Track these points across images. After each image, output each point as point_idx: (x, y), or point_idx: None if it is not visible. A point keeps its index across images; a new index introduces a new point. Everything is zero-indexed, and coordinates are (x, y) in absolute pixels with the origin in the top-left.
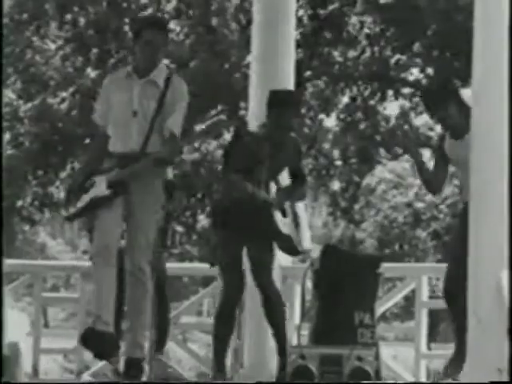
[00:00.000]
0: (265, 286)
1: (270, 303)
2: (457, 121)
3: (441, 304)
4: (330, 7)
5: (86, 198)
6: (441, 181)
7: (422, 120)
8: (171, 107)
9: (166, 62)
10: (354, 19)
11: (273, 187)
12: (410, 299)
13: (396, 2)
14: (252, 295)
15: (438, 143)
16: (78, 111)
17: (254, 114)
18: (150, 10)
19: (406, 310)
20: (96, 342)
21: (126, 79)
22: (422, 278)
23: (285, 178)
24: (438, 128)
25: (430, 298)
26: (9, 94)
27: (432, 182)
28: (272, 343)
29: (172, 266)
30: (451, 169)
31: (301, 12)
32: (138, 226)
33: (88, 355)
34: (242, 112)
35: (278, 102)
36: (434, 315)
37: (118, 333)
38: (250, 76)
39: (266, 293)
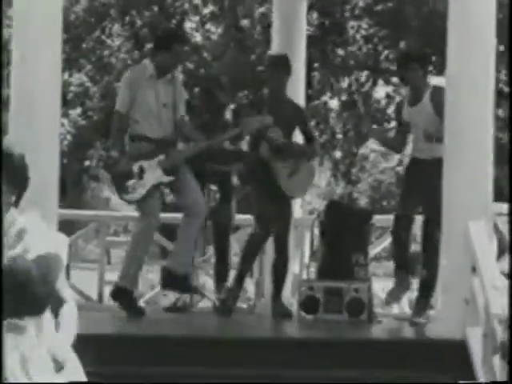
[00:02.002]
0: (281, 245)
1: (279, 261)
2: (420, 85)
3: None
4: (335, 13)
5: (145, 185)
6: (400, 142)
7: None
8: (181, 99)
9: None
10: (352, 23)
11: None
12: None
13: (386, 9)
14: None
15: (397, 111)
16: None
17: None
18: (190, 15)
19: None
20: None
21: (149, 78)
22: None
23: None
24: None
25: None
26: (82, 78)
27: (393, 144)
28: (289, 284)
29: None
30: None
31: (311, 17)
32: None
33: (144, 285)
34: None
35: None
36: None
37: None
38: None
39: (280, 250)
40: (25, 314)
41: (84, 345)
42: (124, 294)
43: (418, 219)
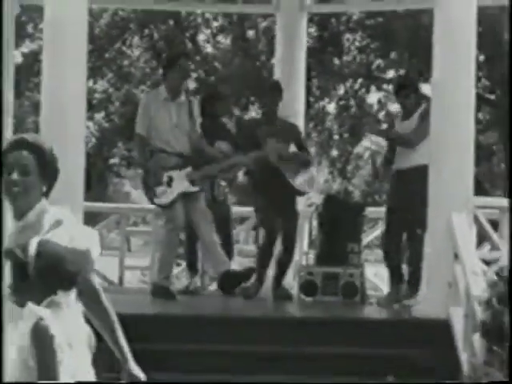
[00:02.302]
0: (288, 243)
1: (285, 256)
2: (411, 107)
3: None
4: (332, 27)
5: (174, 192)
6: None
7: (393, 106)
8: (195, 117)
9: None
10: (347, 35)
11: None
12: None
13: (377, 24)
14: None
15: (389, 125)
16: None
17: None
18: (202, 28)
19: None
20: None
21: (163, 101)
22: None
23: None
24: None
25: None
26: (105, 85)
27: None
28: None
29: None
30: None
31: (311, 30)
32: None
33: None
34: None
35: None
36: None
37: None
38: (274, 73)
39: (287, 247)
40: (58, 288)
41: None
42: (163, 291)
43: None
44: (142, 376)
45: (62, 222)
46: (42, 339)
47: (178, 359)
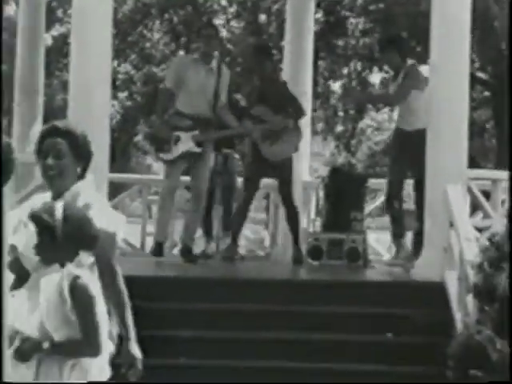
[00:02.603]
0: (286, 201)
1: (289, 213)
2: (397, 64)
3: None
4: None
5: (178, 150)
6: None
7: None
8: (223, 85)
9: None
10: (352, 20)
11: None
12: None
13: (379, 9)
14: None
15: (383, 86)
16: None
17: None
18: (218, 13)
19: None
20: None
21: (195, 63)
22: None
23: None
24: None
25: None
26: (127, 66)
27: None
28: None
29: None
30: None
31: (318, 15)
32: None
33: (178, 236)
34: None
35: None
36: None
37: None
38: (284, 55)
39: (287, 205)
40: (82, 249)
41: (129, 283)
42: (161, 248)
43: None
44: (139, 355)
45: (90, 206)
46: (81, 296)
47: (193, 317)
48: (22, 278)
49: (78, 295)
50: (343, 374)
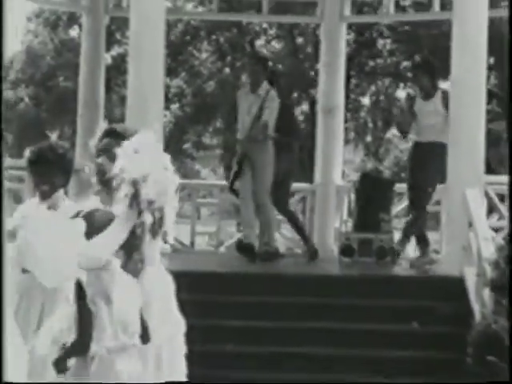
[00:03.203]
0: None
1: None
2: (428, 87)
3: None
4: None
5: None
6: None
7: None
8: (265, 109)
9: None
10: (380, 41)
11: None
12: None
13: (405, 31)
14: (320, 199)
15: (409, 103)
16: (219, 92)
17: (321, 95)
18: (260, 35)
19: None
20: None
21: (246, 94)
22: None
23: None
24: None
25: None
26: (178, 82)
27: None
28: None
29: None
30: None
31: (348, 37)
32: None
33: (224, 235)
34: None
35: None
36: None
37: None
38: (319, 73)
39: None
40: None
41: (179, 278)
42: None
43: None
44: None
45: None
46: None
47: (240, 308)
48: None
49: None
50: (374, 359)
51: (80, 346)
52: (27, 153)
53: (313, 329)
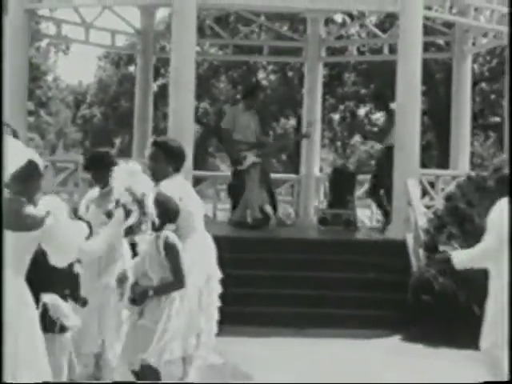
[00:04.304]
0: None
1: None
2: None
3: None
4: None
5: (248, 162)
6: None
7: (374, 116)
8: (257, 125)
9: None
10: (346, 74)
11: None
12: None
13: (365, 67)
14: (304, 185)
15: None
16: None
17: (304, 112)
18: (261, 71)
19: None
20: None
21: (242, 111)
22: None
23: None
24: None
25: None
26: (204, 104)
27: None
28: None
29: None
30: None
31: (324, 72)
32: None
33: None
34: (298, 112)
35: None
36: None
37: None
38: (303, 96)
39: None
40: (169, 222)
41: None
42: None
43: None
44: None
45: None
46: (171, 249)
47: (250, 262)
48: None
49: (169, 248)
50: (342, 298)
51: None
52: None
53: (298, 277)
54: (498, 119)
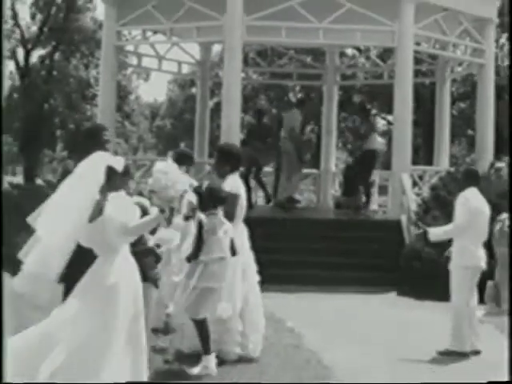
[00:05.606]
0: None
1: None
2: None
3: None
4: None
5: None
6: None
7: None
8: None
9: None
10: (355, 95)
11: None
12: None
13: (371, 89)
14: (324, 178)
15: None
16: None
17: (324, 123)
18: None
19: None
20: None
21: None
22: None
23: None
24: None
25: None
26: (248, 118)
27: None
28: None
29: None
30: None
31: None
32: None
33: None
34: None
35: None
36: None
37: None
38: (322, 113)
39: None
40: (218, 204)
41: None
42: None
43: None
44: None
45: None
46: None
47: (278, 236)
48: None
49: (199, 228)
50: (351, 264)
51: (194, 255)
52: (170, 153)
53: (319, 248)
54: (470, 131)
